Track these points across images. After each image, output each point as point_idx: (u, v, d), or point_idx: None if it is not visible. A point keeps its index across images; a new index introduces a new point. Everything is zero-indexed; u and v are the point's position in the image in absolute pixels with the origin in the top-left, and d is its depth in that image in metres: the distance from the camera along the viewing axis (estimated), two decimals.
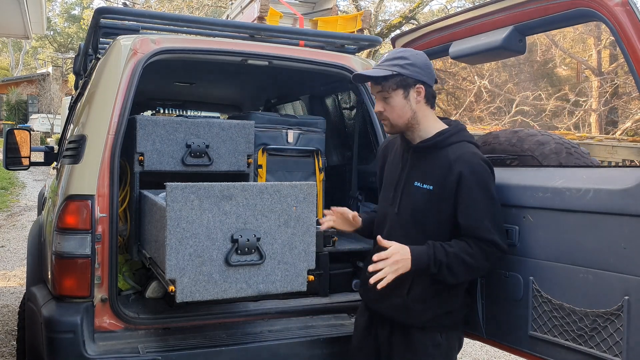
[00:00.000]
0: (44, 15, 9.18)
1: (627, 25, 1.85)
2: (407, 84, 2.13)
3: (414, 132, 2.20)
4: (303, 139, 3.34)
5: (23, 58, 41.51)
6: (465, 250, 2.06)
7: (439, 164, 2.14)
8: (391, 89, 2.13)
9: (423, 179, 2.16)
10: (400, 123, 2.17)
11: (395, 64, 2.13)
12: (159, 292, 2.78)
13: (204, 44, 2.84)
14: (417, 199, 2.16)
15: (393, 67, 2.12)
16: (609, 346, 1.89)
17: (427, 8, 19.99)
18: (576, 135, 11.79)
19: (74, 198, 2.34)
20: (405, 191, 2.20)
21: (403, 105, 2.14)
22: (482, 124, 15.51)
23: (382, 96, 2.16)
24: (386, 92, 2.14)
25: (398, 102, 2.14)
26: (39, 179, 15.14)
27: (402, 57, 2.14)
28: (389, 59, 2.16)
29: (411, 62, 2.13)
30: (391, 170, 2.31)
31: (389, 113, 2.17)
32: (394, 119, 2.17)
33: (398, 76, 2.11)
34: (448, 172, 2.10)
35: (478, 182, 2.09)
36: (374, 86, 2.18)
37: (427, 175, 2.15)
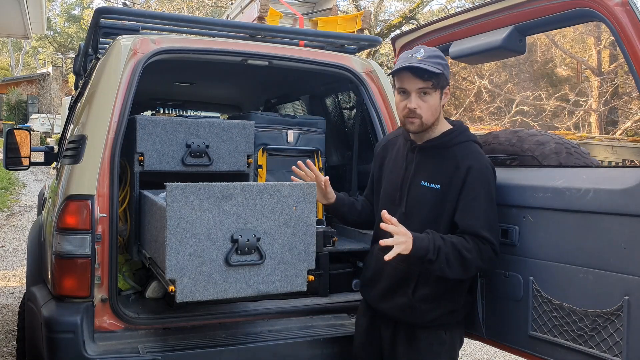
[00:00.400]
0: (44, 15, 9.18)
1: (627, 25, 1.85)
2: (444, 85, 2.14)
3: (427, 132, 2.19)
4: (303, 139, 3.34)
5: (23, 58, 41.51)
6: (462, 243, 2.06)
7: (446, 163, 2.15)
8: (434, 87, 2.11)
9: (430, 179, 2.16)
10: (430, 122, 2.15)
11: (439, 62, 2.10)
12: (159, 292, 2.78)
13: (204, 44, 2.84)
14: (424, 198, 2.16)
15: (439, 65, 2.09)
16: (609, 346, 1.89)
17: (427, 8, 20.00)
18: (576, 135, 11.79)
19: (74, 198, 2.34)
20: (412, 191, 2.20)
21: (437, 105, 2.14)
22: (482, 124, 15.51)
23: (423, 92, 2.10)
24: (430, 90, 2.10)
25: (435, 102, 2.13)
26: (39, 179, 15.14)
27: (441, 56, 2.13)
28: (433, 56, 2.11)
29: (446, 63, 2.14)
30: (393, 169, 2.31)
31: (423, 111, 2.12)
32: (427, 118, 2.13)
33: (442, 76, 2.11)
34: (456, 169, 2.12)
35: (482, 179, 2.11)
36: (417, 81, 2.09)
37: (434, 175, 2.16)
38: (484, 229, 2.08)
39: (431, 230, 2.09)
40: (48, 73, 30.67)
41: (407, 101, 2.13)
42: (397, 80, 2.16)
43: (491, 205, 2.13)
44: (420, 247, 2.01)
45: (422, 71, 2.07)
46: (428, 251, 2.01)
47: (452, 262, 2.04)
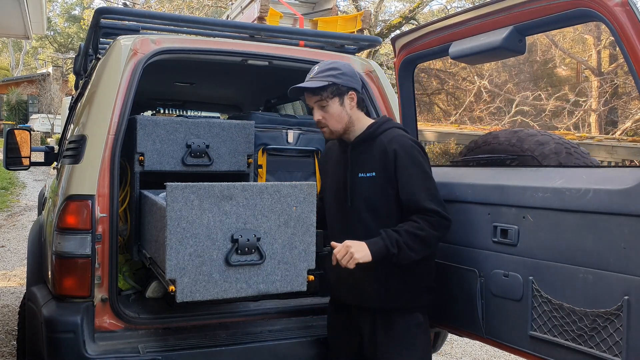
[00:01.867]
0: (44, 15, 9.18)
1: (627, 26, 1.85)
2: (342, 92, 2.32)
3: (350, 132, 2.38)
4: (303, 139, 3.34)
5: (23, 58, 41.48)
6: (413, 225, 2.21)
7: (375, 151, 2.31)
8: (328, 98, 2.31)
9: (365, 169, 2.32)
10: (338, 128, 2.35)
11: (329, 74, 2.31)
12: (159, 292, 2.78)
13: (204, 44, 2.84)
14: (365, 188, 2.32)
15: (327, 77, 2.30)
16: (608, 346, 1.89)
17: (427, 8, 19.99)
18: (576, 135, 11.79)
19: (74, 198, 2.34)
20: (353, 185, 2.34)
21: (340, 111, 2.33)
22: (482, 124, 15.51)
23: (320, 105, 2.33)
24: (324, 101, 2.31)
25: (335, 109, 2.32)
26: (39, 179, 15.14)
27: (334, 67, 2.33)
28: (322, 70, 2.33)
29: (342, 71, 2.32)
30: (335, 170, 2.46)
31: (327, 120, 2.33)
32: (333, 125, 2.34)
33: (333, 85, 2.30)
34: (384, 155, 2.28)
35: (411, 158, 2.27)
36: (311, 97, 2.33)
37: (367, 165, 2.32)
38: (425, 201, 2.23)
39: (383, 229, 2.22)
40: (48, 73, 30.67)
41: (314, 114, 2.37)
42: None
43: (426, 177, 2.28)
44: (378, 250, 2.17)
45: (307, 90, 2.32)
46: (387, 248, 2.17)
47: (412, 246, 2.19)
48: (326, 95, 2.30)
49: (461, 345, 4.65)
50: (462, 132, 13.26)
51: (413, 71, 2.86)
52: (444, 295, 2.46)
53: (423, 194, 2.24)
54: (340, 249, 2.18)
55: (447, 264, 2.47)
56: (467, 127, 14.34)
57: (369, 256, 2.16)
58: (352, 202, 2.35)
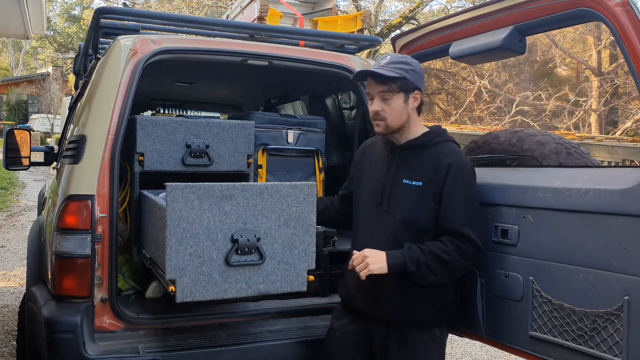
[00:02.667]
0: (44, 15, 9.18)
1: (627, 25, 1.85)
2: (409, 88, 2.21)
3: (402, 134, 2.28)
4: (303, 139, 3.34)
5: (23, 58, 41.49)
6: (440, 247, 2.13)
7: (427, 161, 2.21)
8: (395, 91, 2.19)
9: (411, 176, 2.22)
10: (395, 125, 2.24)
11: (400, 67, 2.19)
12: (159, 292, 2.78)
13: (204, 44, 2.84)
14: (407, 196, 2.21)
15: (399, 70, 2.18)
16: (609, 346, 1.89)
17: (427, 8, 19.99)
18: (576, 135, 11.77)
19: (74, 198, 2.34)
20: (394, 190, 2.24)
21: (402, 108, 2.22)
22: (482, 124, 15.50)
23: (383, 96, 2.21)
24: (389, 94, 2.20)
25: (398, 105, 2.21)
26: (39, 179, 15.14)
27: (406, 62, 2.22)
28: (394, 62, 2.21)
29: (413, 68, 2.21)
30: (374, 171, 2.35)
31: (387, 114, 2.22)
32: (392, 120, 2.23)
33: (403, 80, 2.18)
34: (437, 167, 2.18)
35: (462, 177, 2.18)
36: (377, 86, 2.21)
37: (415, 172, 2.22)
38: (464, 226, 2.14)
39: (408, 243, 2.15)
40: (48, 73, 30.66)
41: (372, 105, 2.26)
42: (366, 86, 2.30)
43: (472, 202, 2.19)
44: (395, 264, 2.10)
45: (380, 77, 2.19)
46: (405, 265, 2.10)
47: (434, 268, 2.11)
48: (394, 88, 2.19)
49: (461, 345, 4.65)
50: (462, 132, 13.24)
51: None
52: None
53: (462, 217, 2.14)
54: (358, 257, 2.12)
55: None
56: (467, 127, 14.32)
57: (384, 269, 2.10)
58: (389, 207, 2.23)
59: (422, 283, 2.14)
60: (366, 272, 2.09)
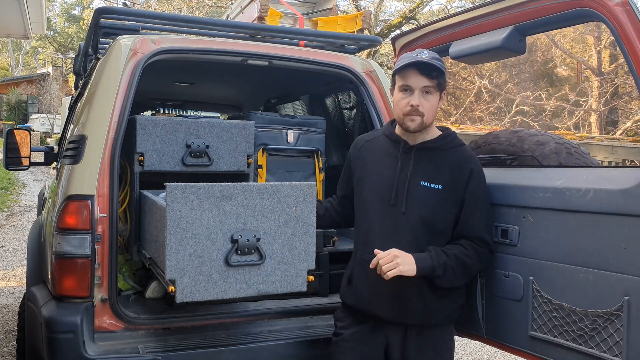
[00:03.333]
0: (44, 15, 9.18)
1: (627, 25, 1.85)
2: (443, 87, 2.19)
3: (421, 134, 2.23)
4: (303, 139, 3.34)
5: (23, 58, 41.48)
6: (463, 252, 2.16)
7: (447, 164, 2.19)
8: (436, 86, 2.15)
9: (430, 179, 2.18)
10: (429, 122, 2.19)
11: (442, 65, 2.15)
12: (159, 292, 2.78)
13: (204, 44, 2.83)
14: (426, 198, 2.17)
15: (443, 67, 2.15)
16: (609, 346, 1.89)
17: (427, 8, 19.98)
18: (576, 135, 11.78)
19: (74, 198, 2.34)
20: (411, 191, 2.19)
21: (436, 106, 2.20)
22: (482, 124, 15.51)
23: (425, 90, 2.14)
24: (433, 89, 2.14)
25: (435, 102, 2.18)
26: (39, 179, 15.14)
27: (442, 60, 2.19)
28: (437, 58, 2.16)
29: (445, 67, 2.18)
30: (382, 170, 2.28)
31: (426, 110, 2.15)
32: (428, 117, 2.16)
33: (445, 77, 2.17)
34: (459, 171, 2.17)
35: (483, 183, 2.21)
36: (422, 78, 2.12)
37: (434, 175, 2.18)
38: (482, 231, 2.19)
39: (433, 247, 2.14)
40: (48, 73, 30.67)
41: (410, 98, 2.14)
42: (401, 78, 2.17)
43: (489, 208, 2.24)
44: (424, 267, 2.09)
45: (430, 68, 2.10)
46: (434, 269, 2.10)
47: (457, 273, 2.14)
48: (438, 84, 2.14)
49: (461, 345, 4.65)
50: (462, 132, 13.25)
51: None
52: None
53: (483, 223, 2.18)
54: (386, 257, 2.05)
55: None
56: (467, 127, 14.33)
57: (413, 271, 2.06)
58: (407, 209, 2.18)
59: (445, 286, 2.15)
60: (395, 273, 2.04)
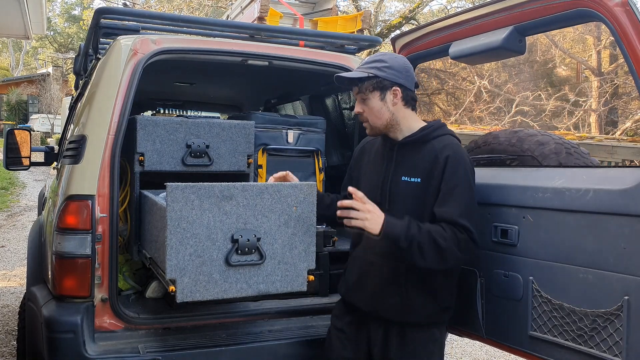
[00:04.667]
0: (44, 15, 9.18)
1: (627, 26, 1.86)
2: (384, 86, 2.18)
3: (396, 131, 2.25)
4: (303, 139, 3.34)
5: (23, 58, 41.47)
6: (438, 231, 2.04)
7: (425, 156, 2.18)
8: (368, 90, 2.19)
9: (410, 173, 2.19)
10: (378, 124, 2.23)
11: (372, 66, 2.18)
12: (159, 292, 2.78)
13: (204, 44, 2.84)
14: (407, 192, 2.18)
15: (370, 69, 2.18)
16: (608, 346, 1.89)
17: (427, 8, 20.00)
18: (576, 135, 11.78)
19: (74, 198, 2.34)
20: (393, 187, 2.22)
21: (380, 106, 2.21)
22: (482, 124, 15.50)
23: (361, 97, 2.23)
24: (364, 94, 2.21)
25: (375, 104, 2.20)
26: (39, 179, 15.14)
27: (380, 60, 2.20)
28: (368, 62, 2.22)
29: (388, 65, 2.18)
30: (372, 169, 2.33)
31: (367, 114, 2.23)
32: (373, 121, 2.23)
33: (374, 78, 2.17)
34: (435, 160, 2.14)
35: (460, 169, 2.12)
36: (354, 88, 2.24)
37: (414, 169, 2.19)
38: (462, 217, 2.06)
39: (409, 217, 2.08)
40: (48, 73, 30.66)
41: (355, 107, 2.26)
42: None
43: (470, 195, 2.12)
44: (390, 232, 2.02)
45: (348, 80, 2.21)
46: (399, 238, 2.02)
47: (426, 251, 2.02)
48: (364, 88, 2.19)
49: (461, 345, 4.65)
50: (462, 132, 13.25)
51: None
52: None
53: (461, 208, 2.08)
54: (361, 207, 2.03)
55: None
56: (467, 127, 14.33)
57: (376, 231, 2.02)
58: (390, 206, 2.19)
59: (411, 262, 2.06)
60: (357, 224, 2.03)
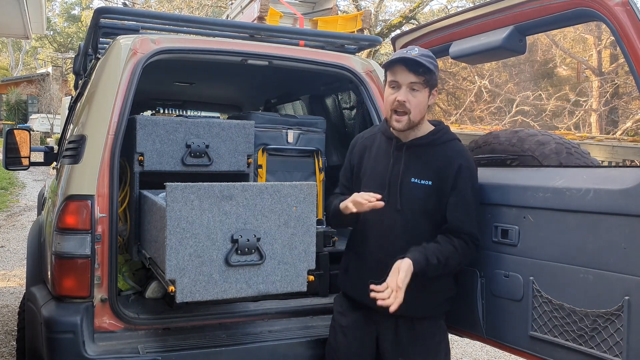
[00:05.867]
0: (43, 15, 9.18)
1: (627, 25, 1.85)
2: (433, 84, 2.19)
3: (414, 130, 2.24)
4: (303, 139, 3.34)
5: (23, 58, 41.50)
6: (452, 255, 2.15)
7: (437, 159, 2.21)
8: (424, 84, 2.14)
9: (420, 175, 2.21)
10: (416, 120, 2.19)
11: (432, 62, 2.15)
12: (159, 292, 2.78)
13: (204, 44, 2.83)
14: (417, 194, 2.21)
15: (432, 64, 2.14)
16: (609, 346, 1.89)
17: (427, 8, 19.99)
18: (576, 135, 11.78)
19: (73, 198, 2.34)
20: (403, 188, 2.23)
21: (425, 103, 2.19)
22: (482, 124, 15.50)
23: (412, 87, 2.14)
24: (419, 85, 2.13)
25: (423, 99, 2.17)
26: (39, 179, 15.14)
27: (434, 57, 2.18)
28: (427, 54, 2.15)
29: (437, 65, 2.19)
30: (376, 167, 2.31)
31: (412, 106, 2.15)
32: (414, 115, 2.16)
33: (433, 74, 2.15)
34: (448, 166, 2.18)
35: (471, 178, 2.21)
36: (410, 74, 2.12)
37: (424, 172, 2.21)
38: (471, 226, 2.18)
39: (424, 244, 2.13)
40: (48, 73, 30.66)
41: (398, 94, 2.15)
42: (390, 74, 2.19)
43: (477, 203, 2.23)
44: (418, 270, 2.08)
45: (417, 65, 2.10)
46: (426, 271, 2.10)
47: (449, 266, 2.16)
48: (426, 81, 2.13)
49: (461, 345, 4.65)
50: (462, 132, 13.24)
51: None
52: None
53: (473, 219, 2.19)
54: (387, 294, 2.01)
55: None
56: (467, 127, 14.33)
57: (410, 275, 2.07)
58: (403, 206, 2.21)
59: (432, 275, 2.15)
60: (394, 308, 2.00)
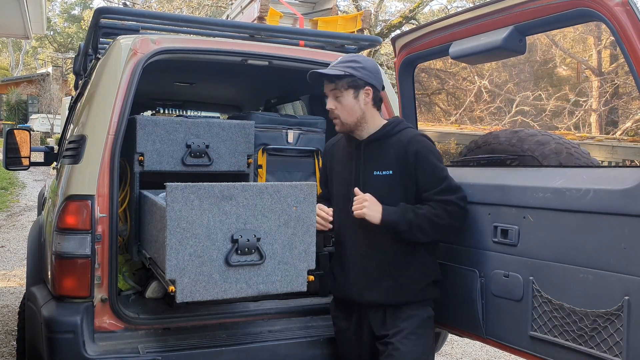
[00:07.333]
0: (44, 15, 9.18)
1: (627, 25, 1.85)
2: (358, 85, 2.31)
3: (362, 130, 2.37)
4: (303, 139, 3.34)
5: (23, 58, 41.49)
6: (430, 211, 2.25)
7: (393, 150, 2.32)
8: (343, 88, 2.30)
9: (380, 167, 2.33)
10: (350, 121, 2.34)
11: (348, 65, 2.30)
12: (159, 292, 2.78)
13: (204, 44, 2.84)
14: (380, 186, 2.31)
15: (346, 68, 2.29)
16: (609, 346, 1.89)
17: (427, 8, 20.00)
18: (576, 135, 11.78)
19: (74, 198, 2.34)
20: (366, 183, 2.34)
21: (353, 104, 2.32)
22: (483, 124, 15.50)
23: (334, 95, 2.33)
24: (338, 91, 2.31)
25: (348, 102, 2.31)
26: (39, 179, 15.14)
27: (355, 60, 2.32)
28: (343, 61, 2.33)
29: (362, 65, 2.32)
30: (342, 169, 2.45)
31: (339, 111, 2.33)
32: (345, 118, 2.33)
33: (350, 77, 2.29)
34: (404, 153, 2.29)
35: (432, 154, 2.31)
36: (328, 84, 2.33)
37: (383, 163, 2.33)
38: (445, 193, 2.27)
39: (403, 203, 2.26)
40: (48, 73, 30.64)
41: (327, 103, 2.36)
42: None
43: (445, 171, 2.31)
44: (388, 220, 2.23)
45: (327, 76, 2.30)
46: (398, 224, 2.22)
47: (425, 229, 2.24)
48: (341, 85, 2.30)
49: (461, 345, 4.65)
50: (462, 132, 13.26)
51: (413, 71, 2.86)
52: (444, 296, 2.46)
53: (444, 184, 2.28)
54: (359, 198, 2.24)
55: (448, 264, 2.47)
56: (467, 127, 14.34)
57: (377, 219, 2.23)
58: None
59: (412, 240, 2.26)
60: (360, 214, 2.23)
